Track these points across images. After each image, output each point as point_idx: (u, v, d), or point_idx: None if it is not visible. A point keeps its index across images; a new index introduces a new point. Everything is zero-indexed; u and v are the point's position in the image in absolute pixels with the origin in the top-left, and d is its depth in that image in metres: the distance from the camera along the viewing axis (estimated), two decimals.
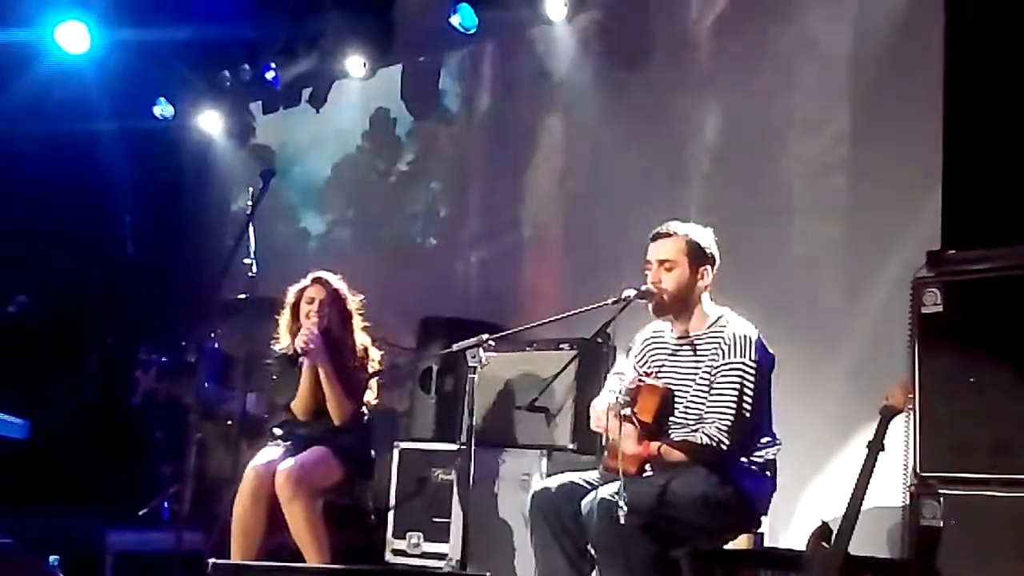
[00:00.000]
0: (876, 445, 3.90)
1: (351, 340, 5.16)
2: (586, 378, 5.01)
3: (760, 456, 3.97)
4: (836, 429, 5.02)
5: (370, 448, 5.20)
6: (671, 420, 3.98)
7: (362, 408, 5.15)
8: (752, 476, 3.94)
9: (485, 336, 4.12)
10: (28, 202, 7.43)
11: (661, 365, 4.12)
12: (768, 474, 3.99)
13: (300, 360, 5.09)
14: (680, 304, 4.06)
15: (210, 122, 8.15)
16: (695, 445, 3.87)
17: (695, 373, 4.00)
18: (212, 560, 4.12)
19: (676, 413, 3.99)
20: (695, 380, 3.99)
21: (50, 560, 4.76)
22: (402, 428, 5.97)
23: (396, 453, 5.55)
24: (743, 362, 3.90)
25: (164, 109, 8.06)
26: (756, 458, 3.96)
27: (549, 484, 4.07)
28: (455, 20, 6.51)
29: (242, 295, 5.54)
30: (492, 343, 4.14)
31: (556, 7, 6.29)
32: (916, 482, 4.00)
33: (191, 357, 6.76)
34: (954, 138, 4.85)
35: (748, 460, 3.94)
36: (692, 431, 3.92)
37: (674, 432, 3.97)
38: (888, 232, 5.03)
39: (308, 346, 4.99)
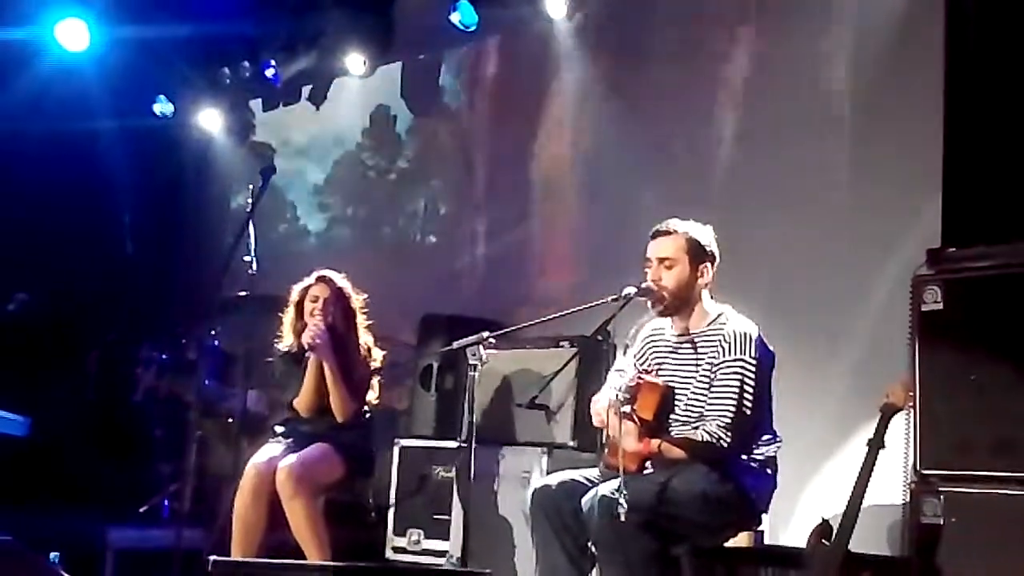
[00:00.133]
0: (876, 443, 3.91)
1: (355, 338, 5.16)
2: (586, 376, 5.01)
3: (761, 453, 3.97)
4: (836, 427, 5.02)
5: (371, 446, 5.20)
6: (671, 417, 3.99)
7: (364, 406, 5.15)
8: (753, 473, 3.94)
9: (485, 334, 4.13)
10: (28, 200, 7.43)
11: (661, 362, 4.12)
12: (769, 471, 3.99)
13: (305, 356, 5.09)
14: (680, 302, 4.06)
15: (210, 120, 8.15)
16: (696, 442, 3.87)
17: (695, 370, 4.00)
18: (213, 557, 4.12)
19: (676, 410, 3.99)
20: (695, 377, 3.99)
21: (51, 557, 4.76)
22: (402, 425, 5.97)
23: (396, 450, 5.55)
24: (743, 359, 3.91)
25: (164, 107, 8.06)
26: (757, 455, 3.96)
27: (549, 481, 4.07)
28: (455, 18, 6.52)
29: (242, 293, 5.54)
30: (492, 341, 4.15)
31: (556, 5, 6.29)
32: (916, 480, 4.00)
33: (191, 355, 6.76)
34: (954, 136, 4.85)
35: (749, 457, 3.94)
36: (693, 428, 3.92)
37: (675, 429, 3.97)
38: (888, 230, 5.03)
39: (315, 341, 4.99)
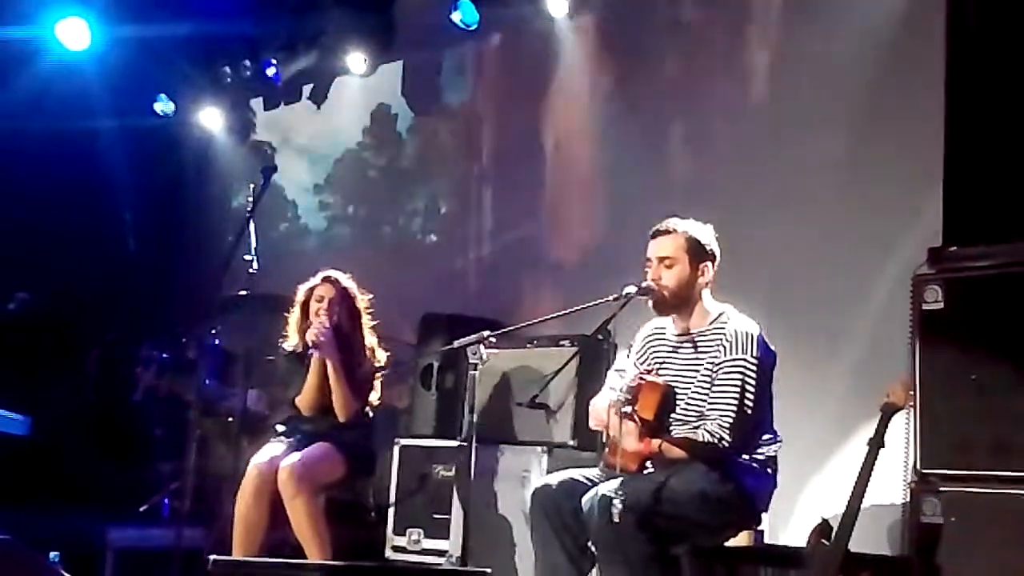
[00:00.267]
0: (876, 442, 3.90)
1: (360, 338, 5.17)
2: (587, 375, 5.01)
3: (761, 453, 3.97)
4: (837, 426, 5.02)
5: (372, 446, 5.21)
6: (672, 417, 3.98)
7: (366, 407, 5.15)
8: (753, 473, 3.94)
9: (486, 333, 4.13)
10: (28, 199, 7.43)
11: (662, 362, 4.12)
12: (769, 471, 3.99)
13: (309, 353, 5.09)
14: (680, 301, 4.06)
15: (211, 118, 8.15)
16: (696, 442, 3.87)
17: (696, 370, 4.00)
18: (213, 556, 4.12)
19: (677, 410, 3.99)
20: (696, 377, 3.99)
21: (51, 557, 4.76)
22: (403, 425, 5.97)
23: (397, 450, 5.55)
24: (745, 359, 3.90)
25: (165, 105, 8.06)
26: (757, 455, 3.96)
27: (550, 481, 4.07)
28: (456, 16, 6.52)
29: (243, 292, 5.54)
30: (493, 340, 4.15)
31: (558, 4, 6.29)
32: (916, 479, 4.00)
33: (192, 354, 6.75)
34: (955, 136, 4.85)
35: (749, 457, 3.94)
36: (693, 428, 3.92)
37: (675, 429, 3.97)
38: (889, 229, 5.03)
39: (319, 339, 5.00)
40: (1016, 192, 4.55)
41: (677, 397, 4.00)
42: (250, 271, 5.36)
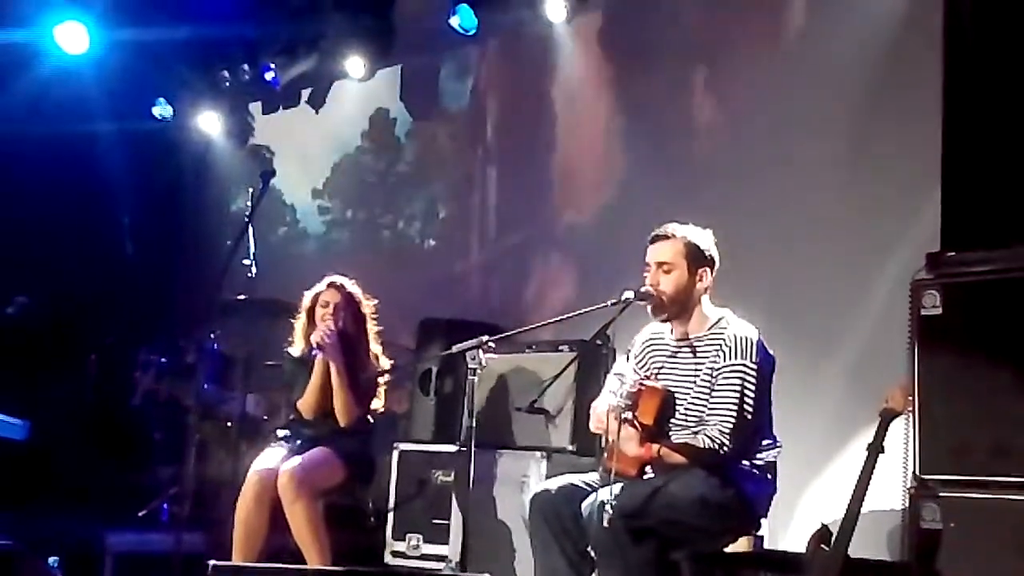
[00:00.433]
0: (876, 447, 3.89)
1: (365, 343, 5.19)
2: (585, 380, 5.00)
3: (760, 458, 3.96)
4: (836, 431, 5.02)
5: (372, 452, 5.21)
6: (672, 422, 3.98)
7: (368, 413, 5.15)
8: (752, 478, 3.93)
9: (485, 338, 4.13)
10: (27, 203, 7.43)
11: (661, 367, 4.12)
12: (768, 476, 3.98)
13: (312, 354, 5.09)
14: (679, 306, 4.06)
15: (209, 122, 8.16)
16: (696, 447, 3.87)
17: (695, 375, 3.99)
18: (212, 562, 4.12)
19: (676, 415, 3.98)
20: (695, 382, 3.98)
21: (50, 561, 4.76)
22: (401, 429, 5.97)
23: (396, 454, 5.55)
24: (744, 364, 3.90)
25: (163, 109, 8.07)
26: (756, 460, 3.95)
27: (549, 486, 4.06)
28: (455, 21, 6.53)
29: (241, 296, 5.55)
30: (492, 345, 4.14)
31: (556, 8, 6.30)
32: (916, 484, 4.00)
33: (190, 358, 6.75)
34: (953, 139, 4.86)
35: (749, 463, 3.94)
36: (693, 433, 3.91)
37: (674, 434, 3.96)
38: (887, 234, 5.04)
39: (325, 341, 5.01)
40: (1014, 197, 4.56)
41: (676, 402, 4.00)
42: (249, 275, 5.37)
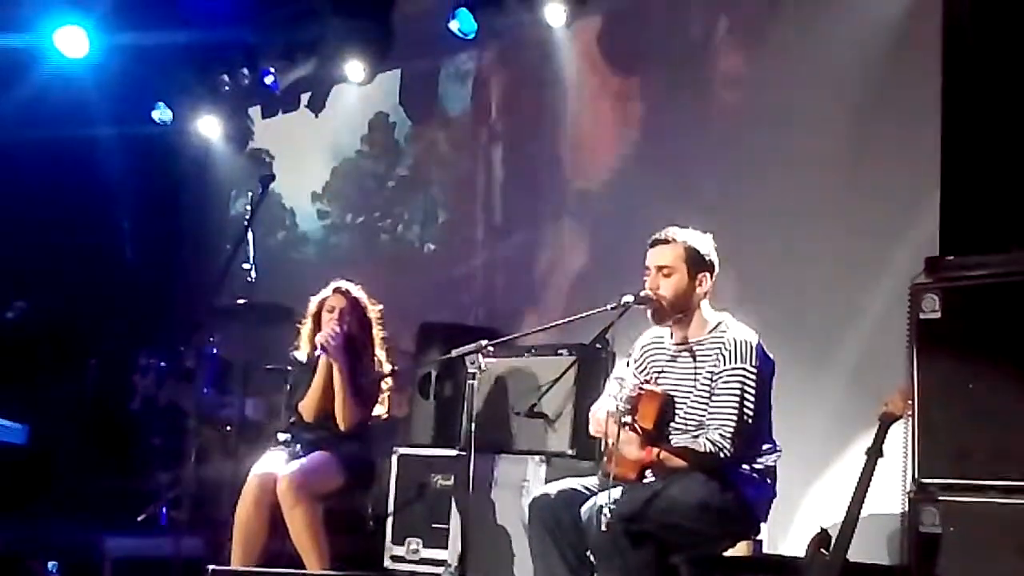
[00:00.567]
0: (875, 452, 3.90)
1: (371, 348, 5.19)
2: (585, 384, 4.99)
3: (760, 463, 3.96)
4: (835, 436, 5.02)
5: (372, 457, 5.21)
6: (671, 426, 3.98)
7: (369, 419, 5.15)
8: (752, 483, 3.93)
9: (484, 342, 4.12)
10: (27, 207, 7.43)
11: (661, 371, 4.12)
12: (768, 481, 3.98)
13: (316, 355, 5.10)
14: (678, 310, 4.05)
15: (209, 127, 8.17)
16: (696, 451, 3.86)
17: (695, 379, 3.99)
18: (211, 566, 4.12)
19: (676, 419, 3.98)
20: (695, 386, 3.98)
21: (49, 566, 4.76)
22: (401, 434, 5.96)
23: (395, 459, 5.54)
24: (744, 368, 3.90)
25: (163, 114, 8.08)
26: (756, 465, 3.95)
27: (548, 490, 4.06)
28: (454, 25, 6.54)
29: (241, 300, 5.55)
30: (491, 349, 4.14)
31: (555, 12, 6.31)
32: (915, 489, 3.99)
33: (190, 362, 6.75)
34: (952, 144, 4.86)
35: (748, 467, 3.93)
36: (692, 438, 3.91)
37: (674, 438, 3.96)
38: (887, 238, 5.04)
39: (329, 342, 5.01)
40: (1013, 201, 4.56)
41: (676, 406, 4.00)
42: (248, 279, 5.37)
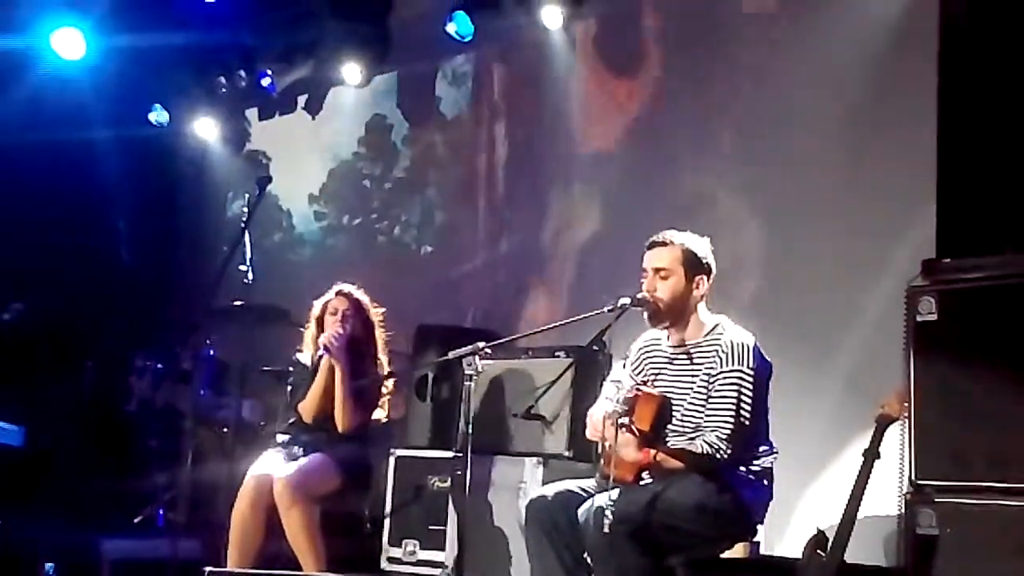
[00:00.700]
0: (872, 453, 3.90)
1: (374, 351, 5.21)
2: (582, 386, 4.99)
3: (757, 464, 3.97)
4: (831, 438, 5.03)
5: (370, 460, 5.21)
6: (668, 428, 3.98)
7: (368, 423, 5.15)
8: (749, 484, 3.93)
9: (481, 343, 4.12)
10: (23, 208, 7.42)
11: (658, 373, 4.12)
12: (765, 482, 3.99)
13: (319, 355, 5.09)
14: (675, 313, 4.06)
15: (206, 128, 8.16)
16: (693, 453, 3.87)
17: (692, 381, 4.00)
18: (208, 568, 4.12)
19: (673, 421, 3.99)
20: (692, 388, 3.99)
21: (46, 568, 4.76)
22: (398, 435, 5.96)
23: (392, 460, 5.54)
24: (741, 370, 3.91)
25: (160, 115, 8.07)
26: (753, 466, 3.96)
27: (545, 492, 4.06)
28: (451, 28, 6.55)
29: (237, 302, 5.54)
30: (488, 351, 4.14)
31: (552, 14, 6.31)
32: (912, 490, 3.99)
33: (186, 364, 6.75)
34: (949, 146, 4.87)
35: (745, 468, 3.94)
36: (690, 439, 3.92)
37: (671, 440, 3.97)
38: (884, 240, 5.05)
39: (332, 343, 5.02)
40: (1009, 204, 4.57)
41: (673, 408, 4.01)
42: (245, 281, 5.36)
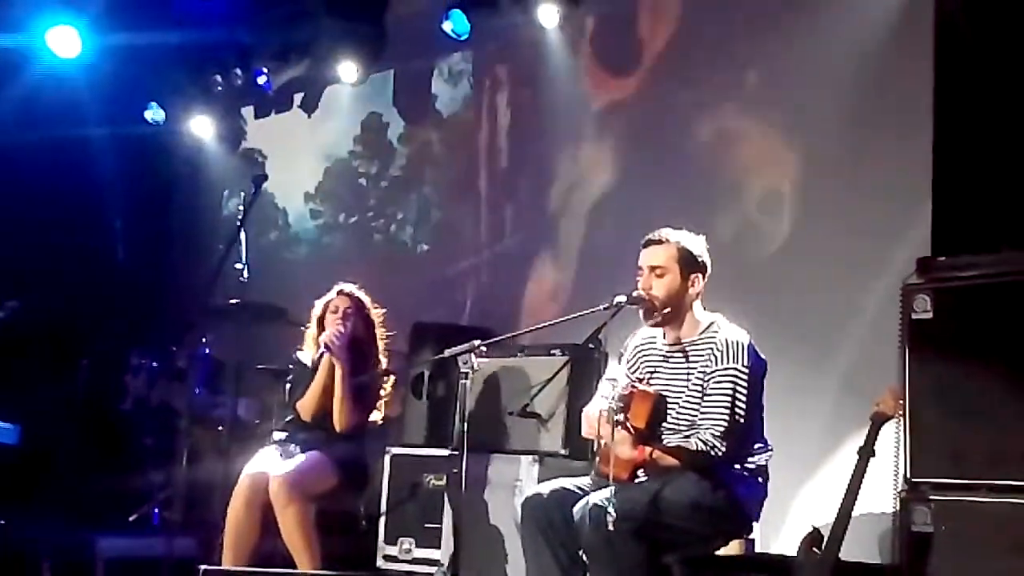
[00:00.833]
0: (867, 451, 3.91)
1: (375, 351, 5.21)
2: (578, 384, 4.99)
3: (752, 462, 3.98)
4: (827, 435, 5.03)
5: (366, 459, 5.21)
6: (663, 426, 3.99)
7: (366, 423, 5.15)
8: (744, 482, 3.94)
9: (477, 342, 4.12)
10: (18, 207, 7.41)
11: (653, 371, 4.13)
12: (760, 480, 4.00)
13: (320, 354, 5.09)
14: (671, 311, 4.06)
15: (202, 127, 8.15)
16: (688, 450, 3.87)
17: (687, 379, 4.00)
18: (203, 566, 4.12)
19: (668, 419, 3.99)
20: (687, 386, 3.99)
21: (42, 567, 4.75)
22: (394, 434, 5.96)
23: (388, 459, 5.54)
24: (736, 368, 3.91)
25: (155, 114, 8.06)
26: (748, 464, 3.97)
27: (541, 490, 4.07)
28: (447, 26, 6.54)
29: (233, 300, 5.54)
30: (484, 349, 4.14)
31: (548, 13, 6.31)
32: (907, 488, 4.00)
33: (182, 363, 6.74)
34: (944, 145, 4.87)
35: (740, 466, 3.95)
36: (685, 437, 3.92)
37: (666, 438, 3.97)
38: (880, 239, 5.05)
39: (334, 342, 5.02)
40: (1005, 202, 4.57)
41: (668, 406, 4.01)
42: (240, 279, 5.36)
